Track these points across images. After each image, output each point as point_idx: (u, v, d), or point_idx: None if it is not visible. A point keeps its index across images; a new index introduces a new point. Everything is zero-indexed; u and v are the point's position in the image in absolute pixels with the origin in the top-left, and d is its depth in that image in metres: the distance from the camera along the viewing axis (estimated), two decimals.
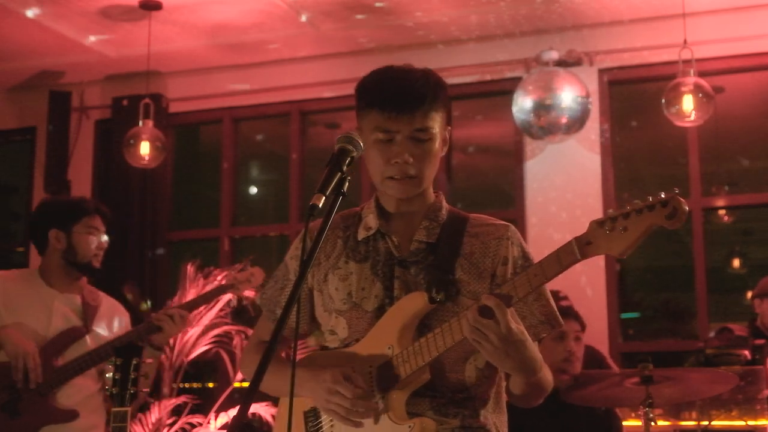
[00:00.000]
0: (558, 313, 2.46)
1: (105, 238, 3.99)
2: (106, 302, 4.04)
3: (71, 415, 3.72)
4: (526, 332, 2.23)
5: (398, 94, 2.37)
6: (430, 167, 2.42)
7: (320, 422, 2.45)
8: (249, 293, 5.04)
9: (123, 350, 3.04)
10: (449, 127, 2.51)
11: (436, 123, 2.41)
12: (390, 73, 2.44)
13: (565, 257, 2.14)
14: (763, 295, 5.56)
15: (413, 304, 2.37)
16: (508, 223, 2.52)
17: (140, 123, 6.54)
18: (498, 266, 2.42)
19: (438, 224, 2.47)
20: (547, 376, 2.40)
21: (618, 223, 2.10)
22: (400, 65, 2.46)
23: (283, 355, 2.63)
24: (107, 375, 3.02)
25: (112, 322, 3.99)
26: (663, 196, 2.05)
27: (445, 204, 2.53)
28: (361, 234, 2.50)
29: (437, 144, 2.42)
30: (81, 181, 7.40)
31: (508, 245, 2.45)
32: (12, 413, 3.67)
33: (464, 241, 2.44)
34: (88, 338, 3.82)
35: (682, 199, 2.04)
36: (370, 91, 2.42)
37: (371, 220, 2.50)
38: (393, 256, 2.44)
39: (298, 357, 2.54)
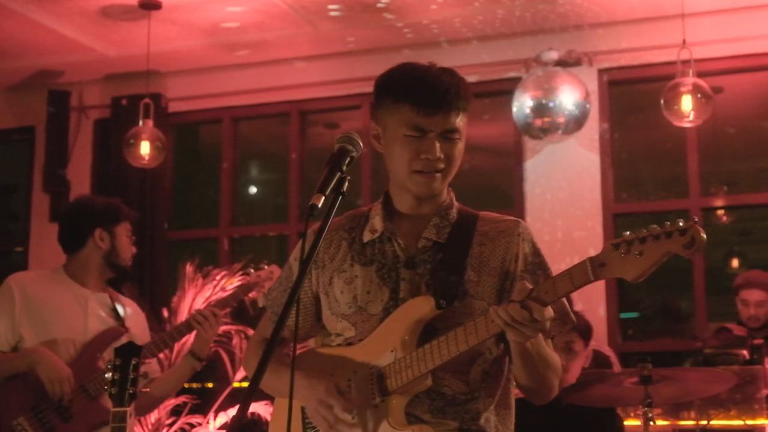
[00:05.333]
0: (570, 310, 2.44)
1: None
2: (128, 303, 4.05)
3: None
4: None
5: (436, 92, 2.35)
6: (455, 166, 2.42)
7: None
8: (253, 293, 5.05)
9: (122, 350, 3.03)
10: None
11: (464, 124, 2.41)
12: (421, 70, 2.41)
13: (578, 277, 2.12)
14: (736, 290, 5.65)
15: (419, 308, 2.35)
16: (519, 220, 2.51)
17: (140, 123, 6.53)
18: (510, 263, 2.41)
19: (448, 223, 2.45)
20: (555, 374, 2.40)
21: (634, 247, 2.05)
22: (424, 63, 2.44)
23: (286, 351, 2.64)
24: (106, 375, 3.01)
25: (138, 323, 4.01)
26: (681, 224, 2.01)
27: (455, 203, 2.51)
28: (367, 236, 2.48)
29: (462, 144, 2.42)
30: (80, 181, 7.40)
31: (518, 242, 2.43)
32: (64, 417, 3.68)
33: (474, 241, 2.42)
34: (125, 338, 3.77)
35: (700, 228, 2.00)
36: (401, 86, 2.39)
37: (377, 222, 2.48)
38: (399, 258, 2.42)
39: (298, 351, 2.55)
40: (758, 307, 5.53)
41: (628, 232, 2.08)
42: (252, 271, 4.20)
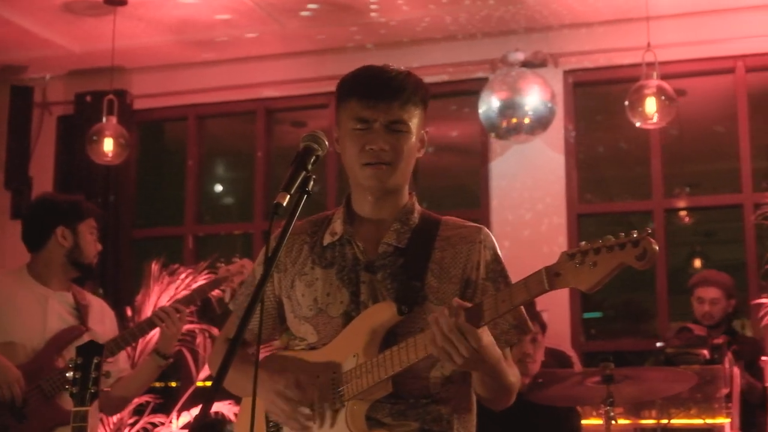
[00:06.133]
0: (528, 318, 2.45)
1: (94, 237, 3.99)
2: (94, 301, 4.01)
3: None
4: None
5: (377, 83, 2.38)
6: (405, 159, 2.40)
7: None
8: (217, 292, 5.03)
9: (84, 349, 3.01)
10: (427, 130, 2.51)
11: (414, 118, 2.41)
12: (371, 67, 2.46)
13: (534, 287, 2.12)
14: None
15: (381, 314, 2.35)
16: (481, 226, 2.51)
17: (104, 119, 6.49)
18: (472, 271, 2.41)
19: (409, 228, 2.45)
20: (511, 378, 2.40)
21: (588, 257, 2.05)
22: (382, 65, 2.47)
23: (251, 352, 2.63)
24: (67, 374, 2.99)
25: (104, 321, 3.96)
26: (635, 235, 2.01)
27: (417, 207, 2.51)
28: (327, 239, 2.48)
29: (413, 140, 2.42)
30: (43, 178, 7.33)
31: (480, 249, 2.44)
32: (19, 417, 3.63)
33: (435, 246, 2.42)
34: (86, 337, 3.73)
35: (653, 240, 2.00)
36: (349, 82, 2.43)
37: (338, 225, 2.48)
38: (359, 261, 2.42)
39: (262, 355, 2.55)
40: (713, 305, 5.59)
41: (583, 243, 2.08)
42: (222, 265, 4.13)
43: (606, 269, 2.04)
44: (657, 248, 2.01)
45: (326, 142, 2.25)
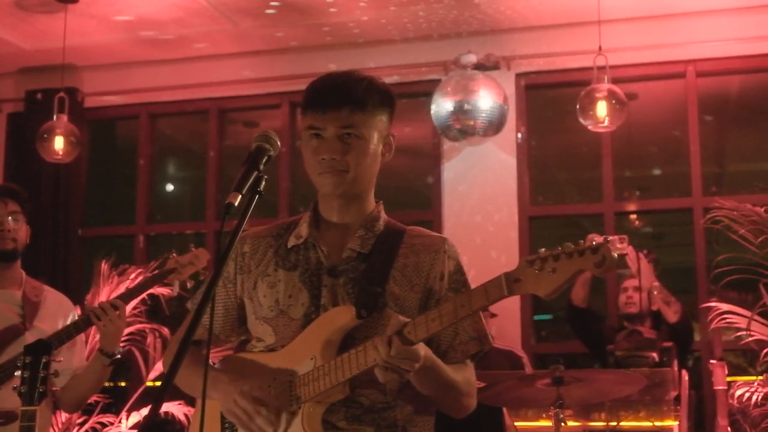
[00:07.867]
0: (488, 332, 2.48)
1: (10, 218, 3.77)
2: (52, 297, 3.90)
3: (9, 417, 3.53)
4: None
5: (326, 92, 2.38)
6: (360, 166, 2.39)
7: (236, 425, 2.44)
8: (164, 290, 4.95)
9: (32, 348, 2.97)
10: (393, 134, 2.50)
11: (369, 126, 2.40)
12: (329, 75, 2.45)
13: (493, 292, 2.13)
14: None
15: (341, 317, 2.35)
16: (445, 237, 2.52)
17: (54, 117, 6.43)
18: (435, 281, 2.42)
19: (374, 235, 2.45)
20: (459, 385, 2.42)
21: (548, 264, 2.06)
22: (345, 70, 2.47)
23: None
24: (16, 374, 2.95)
25: (57, 318, 3.83)
26: (594, 242, 2.03)
27: (383, 215, 2.52)
28: (292, 242, 2.48)
29: (371, 146, 2.41)
30: None
31: (444, 259, 2.45)
32: None
33: (399, 254, 2.43)
34: (28, 335, 3.66)
35: (611, 248, 2.02)
36: (306, 92, 2.43)
37: (303, 229, 2.48)
38: (322, 265, 2.43)
39: (220, 357, 2.55)
40: (635, 291, 5.61)
41: (543, 249, 2.09)
42: (174, 256, 3.94)
43: (565, 276, 2.05)
44: (616, 256, 2.03)
45: (278, 143, 2.25)
